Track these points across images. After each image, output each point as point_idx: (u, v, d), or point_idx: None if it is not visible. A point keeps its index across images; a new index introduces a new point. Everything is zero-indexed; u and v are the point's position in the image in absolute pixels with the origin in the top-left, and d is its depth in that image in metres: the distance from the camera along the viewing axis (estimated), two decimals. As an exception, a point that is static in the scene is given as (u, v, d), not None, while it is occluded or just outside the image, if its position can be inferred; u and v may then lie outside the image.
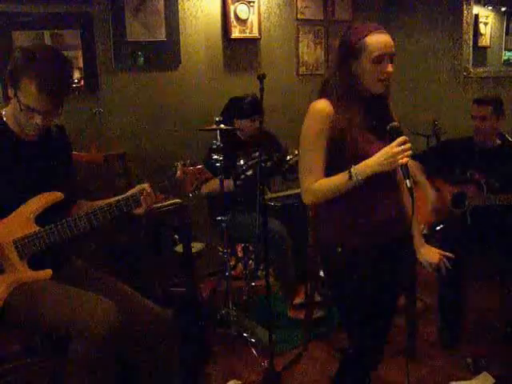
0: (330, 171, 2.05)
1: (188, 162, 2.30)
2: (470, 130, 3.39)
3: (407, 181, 1.92)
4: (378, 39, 1.96)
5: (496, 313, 3.44)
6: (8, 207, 2.11)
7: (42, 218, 2.14)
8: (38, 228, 2.11)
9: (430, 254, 2.28)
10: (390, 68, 1.99)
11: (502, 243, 3.10)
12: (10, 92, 2.06)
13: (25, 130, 2.13)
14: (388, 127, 1.99)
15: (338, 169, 2.02)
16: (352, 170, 1.95)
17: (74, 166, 2.42)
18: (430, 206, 3.33)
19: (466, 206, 3.23)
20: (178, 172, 2.26)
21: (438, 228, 3.36)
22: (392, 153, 1.91)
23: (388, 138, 1.97)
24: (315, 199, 2.09)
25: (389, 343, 3.00)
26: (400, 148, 1.91)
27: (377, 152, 1.97)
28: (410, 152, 1.93)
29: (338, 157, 2.03)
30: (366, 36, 1.97)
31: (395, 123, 1.99)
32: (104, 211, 2.15)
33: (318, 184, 2.03)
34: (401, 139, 1.93)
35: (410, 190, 1.94)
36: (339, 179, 2.00)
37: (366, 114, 2.04)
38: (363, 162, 1.96)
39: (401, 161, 1.91)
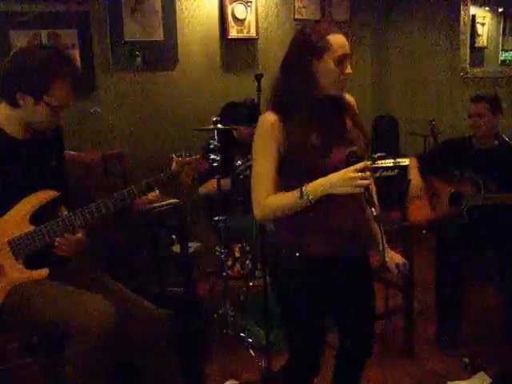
0: (288, 185, 1.95)
1: (183, 153, 2.29)
2: (467, 130, 3.40)
3: (372, 209, 1.82)
4: (339, 39, 1.90)
5: (493, 313, 3.45)
6: (2, 207, 2.11)
7: (37, 218, 2.13)
8: (32, 227, 2.11)
9: (396, 256, 2.17)
10: (349, 69, 1.92)
11: (499, 243, 3.11)
12: (26, 102, 2.06)
13: (39, 127, 2.15)
14: (347, 152, 1.89)
15: (297, 182, 1.91)
16: (304, 188, 1.86)
17: (65, 165, 2.40)
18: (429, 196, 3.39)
19: (464, 205, 3.23)
20: (174, 164, 2.26)
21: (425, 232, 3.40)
22: (347, 177, 1.80)
23: (345, 162, 1.87)
24: (265, 216, 2.00)
25: (387, 343, 3.04)
26: (358, 174, 1.80)
27: (337, 159, 1.90)
28: (370, 181, 1.81)
29: (295, 170, 1.94)
30: (329, 34, 1.90)
31: (354, 148, 1.90)
32: (98, 207, 2.14)
33: (268, 200, 1.94)
34: (360, 165, 1.81)
35: (376, 218, 1.84)
36: (289, 197, 1.91)
37: (324, 118, 1.95)
38: (316, 181, 1.86)
39: (354, 189, 1.80)
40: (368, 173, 1.81)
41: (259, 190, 1.97)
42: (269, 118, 1.95)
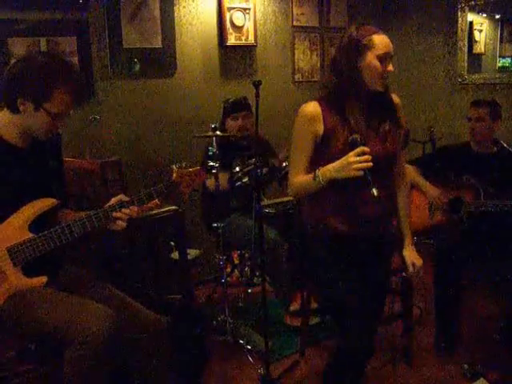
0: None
1: (184, 164, 2.30)
2: (465, 135, 3.41)
3: (373, 190, 1.99)
4: (383, 39, 2.11)
5: (492, 318, 3.44)
6: (1, 214, 2.11)
7: (35, 225, 2.13)
8: (31, 235, 2.10)
9: (416, 256, 2.39)
10: (391, 67, 2.13)
11: (498, 248, 3.11)
12: (26, 108, 2.07)
13: (38, 135, 2.15)
14: (349, 139, 2.08)
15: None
16: (317, 171, 2.09)
17: (64, 173, 2.40)
18: (429, 202, 3.35)
19: (463, 210, 3.23)
20: (174, 175, 2.26)
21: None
22: (347, 161, 2.01)
23: (349, 148, 2.06)
24: (293, 193, 2.29)
25: (385, 350, 3.03)
26: (356, 158, 2.00)
27: (374, 149, 2.08)
28: (368, 164, 1.99)
29: (322, 156, 2.15)
30: (372, 34, 2.10)
31: (356, 135, 2.07)
32: (98, 216, 2.15)
33: (294, 180, 2.21)
34: (358, 150, 2.01)
35: (377, 198, 2.00)
36: (307, 178, 2.15)
37: (365, 112, 2.16)
38: (326, 166, 2.08)
39: (355, 172, 1.99)
40: (366, 156, 2.00)
41: (292, 172, 2.24)
42: (310, 109, 2.16)
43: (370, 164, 1.99)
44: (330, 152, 2.13)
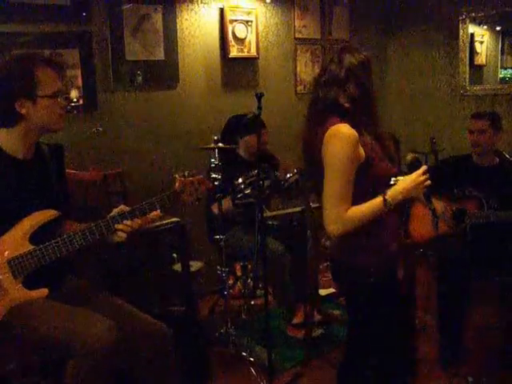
0: (355, 196, 2.01)
1: (186, 173, 2.29)
2: (467, 147, 3.41)
3: (432, 205, 2.10)
4: None
5: (498, 330, 3.42)
6: (2, 226, 2.10)
7: (37, 237, 2.12)
8: (32, 247, 2.10)
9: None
10: None
11: (502, 260, 3.10)
12: (26, 108, 2.08)
13: (54, 126, 2.17)
14: (409, 158, 2.19)
15: (363, 193, 2.01)
16: (387, 196, 1.99)
17: (67, 184, 2.40)
18: (439, 218, 3.34)
19: (467, 223, 3.22)
20: (177, 184, 2.25)
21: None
22: (419, 181, 2.04)
23: (408, 168, 2.13)
24: (347, 229, 1.99)
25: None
26: (424, 177, 2.05)
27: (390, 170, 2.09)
28: (429, 182, 2.05)
29: (364, 180, 2.02)
30: None
31: (415, 155, 2.19)
32: (99, 227, 2.14)
33: (350, 212, 1.97)
34: (424, 168, 2.06)
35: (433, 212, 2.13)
36: (375, 206, 1.99)
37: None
38: (393, 189, 2.02)
39: (423, 190, 2.06)
40: (428, 175, 2.06)
41: (339, 205, 1.96)
42: (349, 132, 1.97)
43: (429, 181, 2.06)
44: (376, 173, 2.04)
